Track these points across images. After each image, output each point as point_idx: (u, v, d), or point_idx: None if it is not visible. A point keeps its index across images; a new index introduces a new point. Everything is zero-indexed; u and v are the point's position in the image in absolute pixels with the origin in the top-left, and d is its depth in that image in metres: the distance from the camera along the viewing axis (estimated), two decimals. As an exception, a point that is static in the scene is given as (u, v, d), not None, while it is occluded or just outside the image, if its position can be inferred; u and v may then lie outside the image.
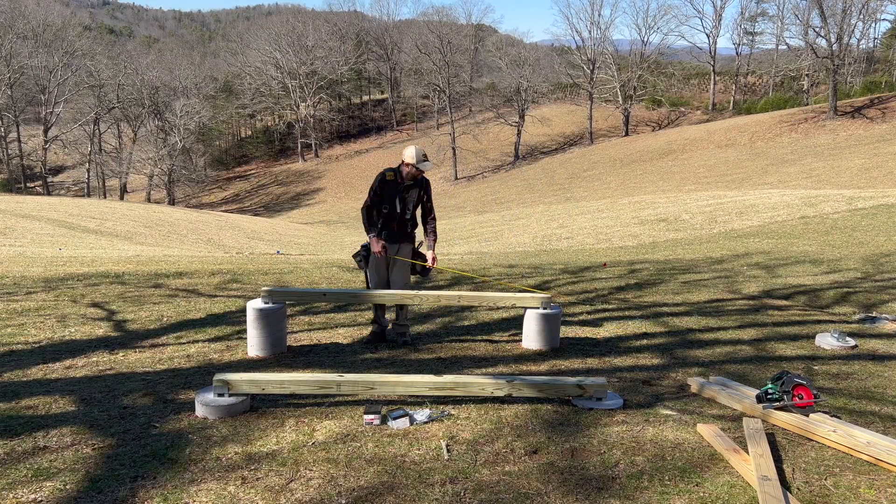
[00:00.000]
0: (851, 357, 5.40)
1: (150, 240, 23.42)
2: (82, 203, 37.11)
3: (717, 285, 9.02)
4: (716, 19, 70.67)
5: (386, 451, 3.42)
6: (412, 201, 5.64)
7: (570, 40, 73.19)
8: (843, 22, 51.65)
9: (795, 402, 3.82)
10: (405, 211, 5.62)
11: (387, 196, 5.55)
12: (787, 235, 14.92)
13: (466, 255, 16.11)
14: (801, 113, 50.84)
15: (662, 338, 5.96)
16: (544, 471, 3.21)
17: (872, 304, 7.72)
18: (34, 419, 3.84)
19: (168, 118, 63.03)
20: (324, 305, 7.09)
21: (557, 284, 9.11)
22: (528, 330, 5.59)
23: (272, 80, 73.04)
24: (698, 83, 72.56)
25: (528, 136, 64.38)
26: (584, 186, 44.61)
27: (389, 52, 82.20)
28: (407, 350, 5.51)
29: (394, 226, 5.63)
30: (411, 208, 5.65)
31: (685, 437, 3.61)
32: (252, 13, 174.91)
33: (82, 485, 3.04)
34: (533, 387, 4.05)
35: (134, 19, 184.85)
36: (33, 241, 17.52)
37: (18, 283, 8.39)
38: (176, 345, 5.57)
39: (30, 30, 62.76)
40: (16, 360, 5.11)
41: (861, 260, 10.98)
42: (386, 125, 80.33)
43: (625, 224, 20.16)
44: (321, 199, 60.86)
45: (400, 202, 5.58)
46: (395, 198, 5.55)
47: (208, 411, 3.84)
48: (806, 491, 3.05)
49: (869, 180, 29.29)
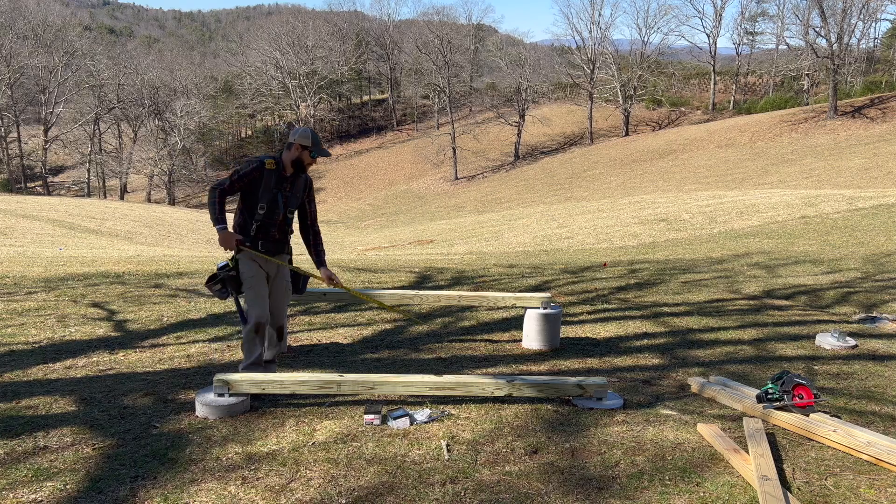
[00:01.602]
0: (852, 357, 5.39)
1: (150, 240, 23.43)
2: (82, 203, 37.12)
3: (717, 285, 9.02)
4: (716, 19, 70.63)
5: (386, 451, 3.42)
6: (295, 200, 4.42)
7: (571, 40, 73.20)
8: (843, 22, 51.65)
9: (796, 402, 3.82)
10: (287, 212, 4.39)
11: (263, 191, 4.22)
12: (788, 235, 14.92)
13: (466, 255, 16.11)
14: (801, 113, 50.83)
15: (663, 338, 5.96)
16: (545, 471, 3.21)
17: (873, 304, 7.71)
18: (34, 419, 3.84)
19: (168, 118, 63.05)
20: (324, 305, 7.09)
21: (558, 284, 9.10)
22: (529, 330, 5.58)
23: (272, 80, 73.06)
24: (698, 83, 72.52)
25: (528, 135, 64.38)
26: (584, 186, 44.61)
27: (389, 52, 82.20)
28: (407, 350, 5.50)
29: (275, 233, 4.36)
30: (294, 210, 4.45)
31: (685, 437, 3.61)
32: (252, 13, 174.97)
33: (82, 485, 3.04)
34: (533, 387, 4.05)
35: (134, 19, 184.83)
36: (33, 241, 17.53)
37: (19, 283, 8.39)
38: (176, 345, 5.57)
39: (30, 30, 62.82)
40: (16, 360, 5.11)
41: (861, 260, 10.98)
42: (386, 125, 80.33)
43: (625, 224, 20.16)
44: (321, 199, 60.74)
45: (283, 200, 4.32)
46: (276, 194, 4.26)
47: (208, 411, 3.84)
48: (806, 491, 3.05)
49: (869, 180, 29.28)
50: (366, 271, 10.01)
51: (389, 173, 64.07)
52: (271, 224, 4.32)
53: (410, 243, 23.63)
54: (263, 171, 4.22)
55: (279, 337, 4.58)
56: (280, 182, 4.28)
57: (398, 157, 67.61)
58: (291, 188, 4.35)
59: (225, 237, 4.22)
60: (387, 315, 6.73)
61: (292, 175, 4.35)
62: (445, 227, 29.66)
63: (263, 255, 4.35)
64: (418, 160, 64.39)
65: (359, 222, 46.74)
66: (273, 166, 4.24)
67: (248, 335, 4.34)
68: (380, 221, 45.33)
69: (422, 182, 59.77)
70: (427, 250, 19.60)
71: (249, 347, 4.37)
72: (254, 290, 4.31)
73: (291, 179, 4.35)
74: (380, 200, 56.23)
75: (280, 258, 4.49)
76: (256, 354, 4.37)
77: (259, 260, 4.36)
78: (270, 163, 4.24)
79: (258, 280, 4.33)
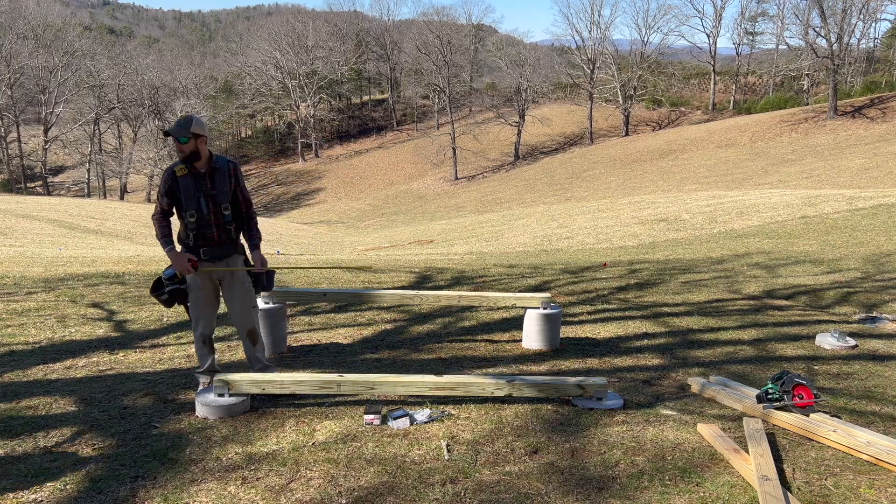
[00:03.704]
0: (852, 357, 5.39)
1: (150, 240, 23.42)
2: (82, 203, 37.12)
3: (717, 285, 9.01)
4: (716, 19, 70.62)
5: (386, 451, 3.41)
6: (224, 194, 4.16)
7: (570, 40, 73.18)
8: (843, 22, 51.65)
9: (796, 402, 3.82)
10: (220, 210, 4.16)
11: (185, 198, 4.07)
12: (788, 235, 14.92)
13: (466, 255, 16.11)
14: (801, 113, 50.83)
15: (663, 338, 5.96)
16: (545, 471, 3.21)
17: (873, 304, 7.71)
18: (34, 419, 3.84)
19: (168, 118, 63.01)
20: (324, 305, 7.09)
21: (558, 284, 9.10)
22: (529, 330, 5.58)
23: (272, 80, 73.05)
24: (698, 83, 72.52)
25: (528, 135, 64.38)
26: (584, 186, 44.60)
27: (389, 52, 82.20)
28: (407, 350, 5.50)
29: (213, 235, 4.16)
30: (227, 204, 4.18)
31: (686, 437, 3.61)
32: (252, 13, 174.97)
33: (83, 485, 3.04)
34: (533, 387, 4.05)
35: (134, 19, 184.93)
36: (33, 241, 17.53)
37: (19, 284, 8.39)
38: (176, 345, 5.57)
39: (30, 30, 62.83)
40: (16, 360, 5.11)
41: (861, 260, 10.98)
42: (386, 125, 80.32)
43: (625, 224, 20.16)
44: (321, 200, 60.85)
45: (207, 200, 4.11)
46: (198, 197, 4.08)
47: (208, 411, 3.84)
48: (806, 491, 3.05)
49: (869, 180, 29.28)
50: (365, 271, 10.01)
51: (389, 173, 64.07)
52: (206, 227, 4.12)
53: (410, 243, 23.64)
54: (177, 179, 4.07)
55: (253, 341, 4.36)
56: (198, 182, 4.08)
57: (398, 157, 67.60)
58: (213, 184, 4.11)
59: (176, 259, 4.10)
60: (387, 315, 6.73)
61: (208, 170, 4.11)
62: (445, 227, 29.66)
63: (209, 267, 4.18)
64: (418, 160, 64.39)
65: (359, 222, 46.75)
66: (184, 171, 4.06)
67: (196, 344, 4.39)
68: (380, 221, 45.33)
69: (422, 182, 59.77)
70: (427, 250, 19.61)
71: (199, 356, 4.41)
72: (196, 304, 4.25)
73: (209, 175, 4.11)
74: (380, 200, 56.22)
75: (231, 260, 4.26)
76: (208, 363, 4.37)
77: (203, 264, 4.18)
78: (181, 168, 4.07)
79: (203, 293, 4.24)
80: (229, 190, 4.16)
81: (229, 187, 4.16)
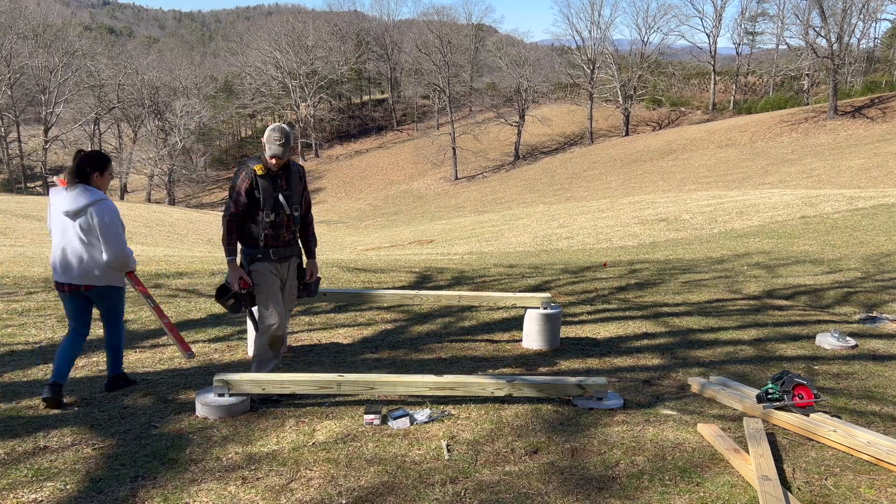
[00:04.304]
0: (852, 357, 5.39)
1: (150, 240, 23.42)
2: (82, 203, 36.99)
3: (717, 285, 9.01)
4: (716, 19, 70.57)
5: (386, 451, 3.41)
6: (297, 195, 4.23)
7: (571, 40, 73.14)
8: (843, 22, 51.62)
9: (796, 402, 3.82)
10: (292, 212, 4.21)
11: (265, 198, 4.07)
12: (788, 235, 14.92)
13: (466, 255, 16.11)
14: (801, 113, 50.82)
15: (663, 338, 5.96)
16: (545, 471, 3.21)
17: (873, 304, 7.71)
18: (34, 419, 3.84)
19: (168, 118, 63.03)
20: (324, 305, 7.09)
21: (558, 284, 9.10)
22: (529, 330, 5.58)
23: (272, 80, 73.05)
24: (698, 83, 72.50)
25: (528, 135, 64.37)
26: (584, 186, 44.60)
27: (389, 52, 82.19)
28: (407, 350, 5.50)
29: (284, 235, 4.19)
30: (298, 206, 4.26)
31: (686, 437, 3.61)
32: (252, 13, 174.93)
33: (83, 485, 3.05)
34: (533, 387, 4.05)
35: (134, 19, 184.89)
36: (33, 241, 17.52)
37: (19, 283, 8.39)
38: (176, 345, 5.56)
39: (30, 30, 62.77)
40: (16, 360, 5.11)
41: (862, 260, 10.98)
42: (386, 125, 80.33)
43: (625, 224, 20.15)
44: (321, 199, 60.82)
45: (286, 201, 4.15)
46: (276, 197, 4.10)
47: (209, 411, 3.84)
48: (806, 491, 3.05)
49: (869, 180, 29.27)
50: (366, 271, 10.01)
51: (389, 173, 64.06)
52: (280, 227, 4.15)
53: (410, 243, 23.63)
54: (256, 178, 4.05)
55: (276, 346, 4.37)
56: (275, 182, 4.10)
57: (398, 157, 67.60)
58: (288, 184, 4.16)
59: (233, 272, 4.10)
60: (387, 315, 6.73)
61: (282, 171, 4.15)
62: (445, 227, 29.65)
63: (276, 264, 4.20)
64: (418, 160, 64.39)
65: (359, 222, 46.75)
66: (263, 170, 4.06)
67: (262, 349, 4.22)
68: (380, 221, 45.33)
69: (422, 182, 59.77)
70: (427, 250, 19.60)
71: (260, 362, 4.24)
72: (269, 300, 4.14)
73: (284, 176, 4.15)
74: (380, 200, 56.22)
75: (293, 262, 4.34)
76: (268, 370, 4.22)
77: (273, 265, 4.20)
78: (260, 167, 4.05)
79: (273, 289, 4.17)
80: (301, 191, 4.25)
81: (300, 189, 4.25)
